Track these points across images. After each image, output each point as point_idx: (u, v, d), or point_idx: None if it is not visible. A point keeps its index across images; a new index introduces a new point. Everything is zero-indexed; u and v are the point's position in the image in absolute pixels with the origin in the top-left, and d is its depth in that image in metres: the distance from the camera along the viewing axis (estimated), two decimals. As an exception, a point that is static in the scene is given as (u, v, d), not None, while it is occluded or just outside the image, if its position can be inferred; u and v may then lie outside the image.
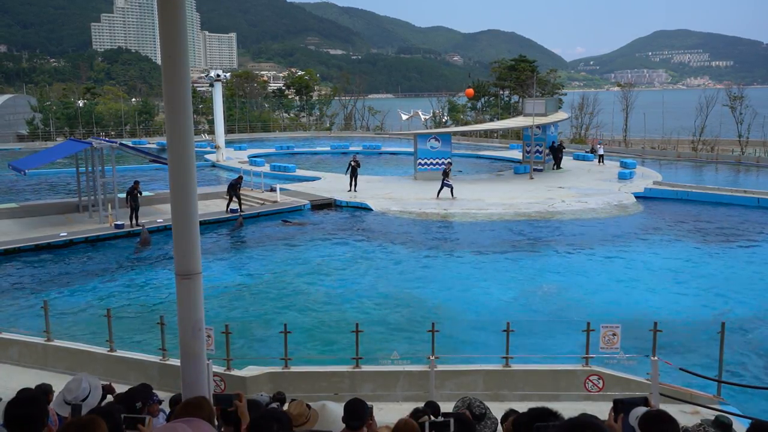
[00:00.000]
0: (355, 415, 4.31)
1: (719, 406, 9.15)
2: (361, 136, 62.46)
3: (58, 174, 38.15)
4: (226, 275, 18.85)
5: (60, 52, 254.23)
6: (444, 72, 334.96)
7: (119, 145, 26.88)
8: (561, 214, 25.60)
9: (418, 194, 29.69)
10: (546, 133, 37.64)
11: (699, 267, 18.89)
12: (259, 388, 9.60)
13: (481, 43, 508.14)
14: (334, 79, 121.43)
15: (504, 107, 65.14)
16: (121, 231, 23.04)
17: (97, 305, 15.91)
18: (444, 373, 10.26)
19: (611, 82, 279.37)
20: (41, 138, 61.24)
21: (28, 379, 9.68)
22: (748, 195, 27.67)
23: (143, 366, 11.03)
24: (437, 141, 34.43)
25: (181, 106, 5.80)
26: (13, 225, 24.27)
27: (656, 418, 2.88)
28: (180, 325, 6.10)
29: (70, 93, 77.74)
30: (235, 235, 24.36)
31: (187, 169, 5.92)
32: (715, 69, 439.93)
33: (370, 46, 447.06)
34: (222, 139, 45.27)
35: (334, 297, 16.71)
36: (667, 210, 26.94)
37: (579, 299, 16.25)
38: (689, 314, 14.88)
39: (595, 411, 8.79)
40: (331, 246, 21.88)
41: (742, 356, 12.64)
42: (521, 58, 67.37)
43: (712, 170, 39.74)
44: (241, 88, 75.06)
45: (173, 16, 5.67)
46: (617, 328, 9.73)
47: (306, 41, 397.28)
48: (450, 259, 19.95)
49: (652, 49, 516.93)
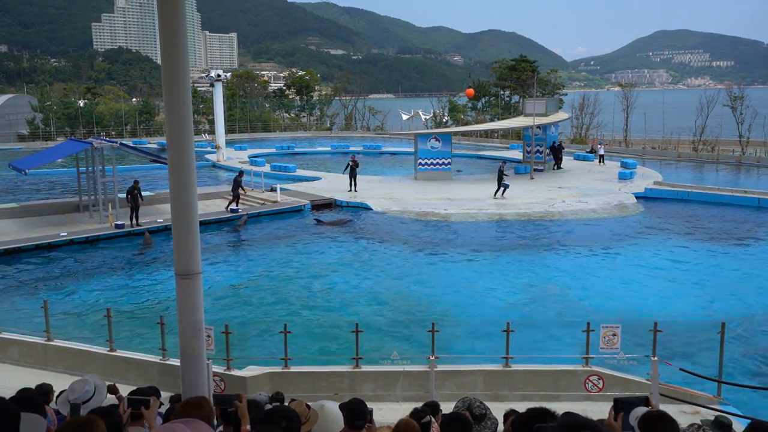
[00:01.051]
0: (358, 414, 4.31)
1: (719, 407, 9.15)
2: (362, 136, 62.47)
3: (58, 174, 38.17)
4: (226, 275, 18.85)
5: (61, 52, 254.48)
6: (444, 72, 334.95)
7: (119, 145, 26.88)
8: (561, 214, 25.60)
9: (418, 194, 29.68)
10: (546, 133, 37.64)
11: (699, 267, 18.88)
12: (259, 388, 9.60)
13: (482, 43, 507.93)
14: (334, 79, 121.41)
15: (504, 107, 65.14)
16: (121, 231, 23.05)
17: (97, 305, 15.92)
18: (444, 373, 10.26)
19: (612, 82, 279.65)
20: (42, 138, 61.30)
21: (28, 379, 9.67)
22: (749, 195, 27.65)
23: (143, 366, 11.03)
24: (438, 141, 34.44)
25: (180, 106, 5.81)
26: (14, 225, 24.27)
27: (656, 419, 2.89)
28: (180, 325, 6.11)
29: (71, 93, 77.81)
30: (238, 233, 24.38)
31: (187, 170, 5.92)
32: (716, 69, 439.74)
33: (370, 46, 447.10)
34: (222, 139, 45.30)
35: (334, 297, 16.71)
36: (668, 210, 26.93)
37: (579, 299, 16.25)
38: (689, 314, 14.88)
39: (596, 411, 8.81)
40: (332, 246, 21.88)
41: (742, 356, 12.64)
42: (522, 58, 67.36)
43: (712, 170, 39.72)
44: (241, 88, 75.10)
45: (173, 16, 5.68)
46: (617, 328, 9.73)
47: (307, 41, 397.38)
48: (450, 259, 19.94)
49: (653, 49, 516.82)
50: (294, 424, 3.43)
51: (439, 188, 31.16)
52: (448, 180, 33.89)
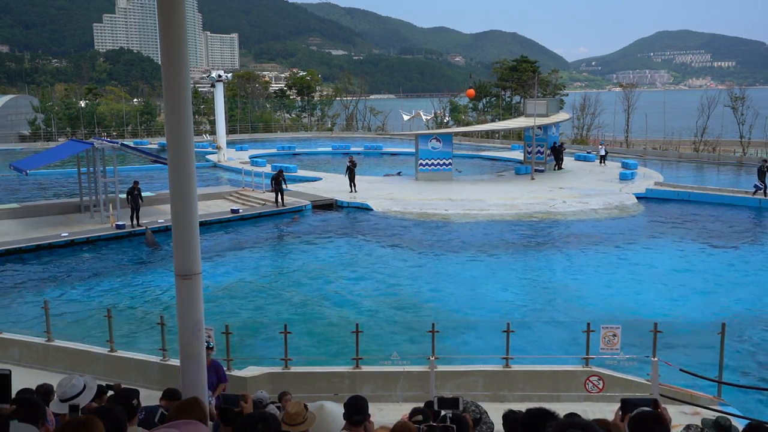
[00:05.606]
0: (357, 410, 4.33)
1: (719, 407, 9.14)
2: (363, 137, 62.48)
3: (59, 174, 38.20)
4: (225, 274, 18.85)
5: (62, 53, 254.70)
6: (446, 72, 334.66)
7: (120, 146, 26.91)
8: (562, 214, 25.60)
9: (419, 195, 29.68)
10: (547, 133, 37.63)
11: (700, 267, 18.86)
12: (260, 389, 9.60)
13: (483, 44, 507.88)
14: (335, 79, 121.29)
15: (506, 108, 65.13)
16: (122, 231, 23.07)
17: (97, 305, 15.92)
18: (444, 373, 10.26)
19: (613, 82, 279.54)
20: (43, 138, 61.33)
21: (28, 379, 9.68)
22: (750, 196, 27.61)
23: (143, 366, 11.04)
24: (438, 141, 34.43)
25: (180, 107, 5.82)
26: (15, 225, 24.30)
27: (647, 420, 2.89)
28: (180, 325, 6.11)
29: (72, 93, 77.93)
30: (289, 228, 24.82)
31: (187, 170, 5.93)
32: (717, 69, 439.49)
33: (372, 46, 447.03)
34: (223, 140, 45.31)
35: (333, 297, 16.71)
36: (669, 211, 26.91)
37: (579, 299, 16.24)
38: (690, 315, 14.87)
39: (596, 411, 8.81)
40: (332, 246, 21.88)
41: (742, 357, 12.62)
42: (523, 59, 67.35)
43: (713, 171, 39.67)
44: (242, 89, 75.09)
45: (173, 17, 5.69)
46: (617, 329, 9.73)
47: (308, 42, 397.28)
48: (450, 260, 19.94)
49: (654, 50, 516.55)
50: (270, 427, 3.43)
51: (440, 189, 31.16)
52: (449, 180, 33.88)
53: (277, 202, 27.23)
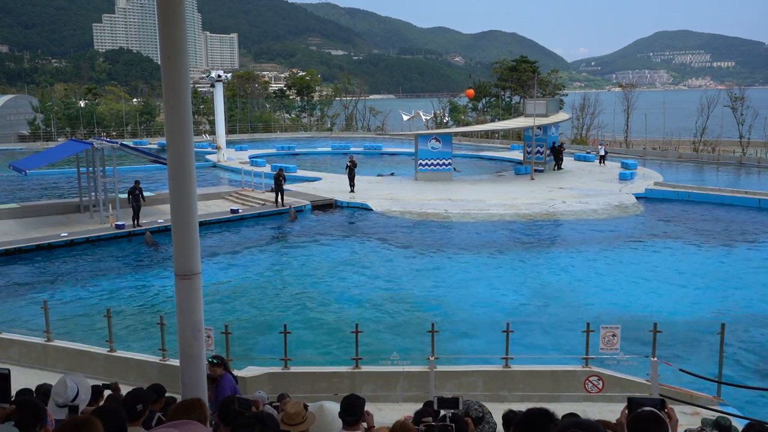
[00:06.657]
0: (350, 411, 4.33)
1: (719, 407, 9.14)
2: (362, 137, 62.46)
3: (59, 174, 38.18)
4: (225, 274, 18.85)
5: (61, 53, 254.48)
6: (445, 72, 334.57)
7: (120, 146, 26.90)
8: (562, 214, 25.60)
9: (418, 195, 29.68)
10: (547, 133, 37.62)
11: (699, 267, 18.87)
12: (259, 389, 9.60)
13: (483, 44, 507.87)
14: (335, 79, 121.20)
15: (505, 108, 65.11)
16: (122, 231, 23.06)
17: (97, 305, 15.91)
18: (444, 373, 10.26)
19: (613, 82, 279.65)
20: (43, 138, 61.30)
21: (28, 379, 9.68)
22: (749, 196, 27.62)
23: (143, 366, 11.04)
24: (438, 142, 34.43)
25: (180, 107, 5.81)
26: (14, 225, 24.29)
27: (646, 419, 2.88)
28: (180, 326, 6.11)
29: (72, 93, 77.86)
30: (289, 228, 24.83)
31: (187, 170, 5.93)
32: (717, 70, 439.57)
33: (371, 46, 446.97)
34: (223, 140, 45.29)
35: (333, 297, 16.71)
36: (668, 211, 26.91)
37: (579, 299, 16.24)
38: (689, 315, 14.88)
39: (595, 411, 8.81)
40: (331, 246, 21.88)
41: (742, 357, 12.62)
42: (522, 59, 67.34)
43: (713, 171, 39.69)
44: (242, 89, 75.06)
45: (173, 17, 5.69)
46: (617, 329, 9.73)
47: (307, 42, 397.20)
48: (450, 260, 19.94)
49: (654, 50, 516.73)
50: (269, 427, 3.44)
51: (439, 189, 31.15)
52: (448, 180, 33.88)
53: (277, 202, 27.25)
